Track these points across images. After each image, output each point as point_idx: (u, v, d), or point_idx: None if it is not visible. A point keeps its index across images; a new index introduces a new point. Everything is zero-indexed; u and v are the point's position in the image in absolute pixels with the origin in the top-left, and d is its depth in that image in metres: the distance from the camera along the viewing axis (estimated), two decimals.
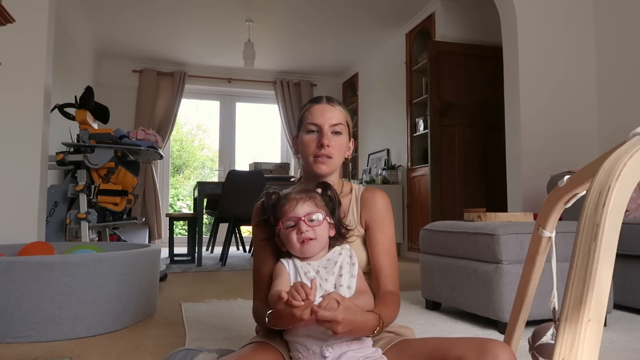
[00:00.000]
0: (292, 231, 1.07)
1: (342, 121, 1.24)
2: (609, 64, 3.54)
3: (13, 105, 2.71)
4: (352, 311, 0.93)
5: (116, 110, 4.53)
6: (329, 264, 1.09)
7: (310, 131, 1.23)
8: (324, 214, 1.11)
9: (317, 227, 1.08)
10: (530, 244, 0.96)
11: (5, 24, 2.16)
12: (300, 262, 1.09)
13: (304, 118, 1.24)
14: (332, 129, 1.22)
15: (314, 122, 1.22)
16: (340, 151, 1.24)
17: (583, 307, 0.48)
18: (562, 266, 1.83)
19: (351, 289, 1.06)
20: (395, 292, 1.18)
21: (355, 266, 1.10)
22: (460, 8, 4.79)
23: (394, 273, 1.21)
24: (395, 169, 5.47)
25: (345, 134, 1.25)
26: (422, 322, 2.07)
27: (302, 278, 1.06)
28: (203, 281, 3.42)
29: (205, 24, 5.40)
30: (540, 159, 3.40)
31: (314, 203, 1.11)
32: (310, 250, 1.08)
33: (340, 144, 1.23)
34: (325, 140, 1.20)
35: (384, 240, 1.22)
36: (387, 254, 1.21)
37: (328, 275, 1.07)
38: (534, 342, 0.96)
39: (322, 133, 1.21)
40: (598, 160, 0.61)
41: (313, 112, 1.23)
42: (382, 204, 1.25)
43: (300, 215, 1.07)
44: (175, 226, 5.06)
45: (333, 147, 1.21)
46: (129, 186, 3.24)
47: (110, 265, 1.93)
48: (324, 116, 1.22)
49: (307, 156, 1.23)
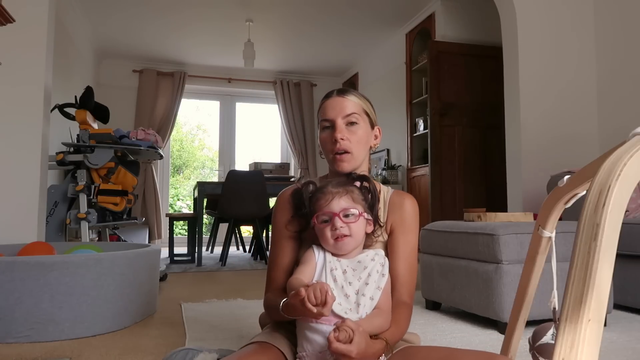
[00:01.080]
0: (327, 226, 1.04)
1: (357, 110, 1.17)
2: (609, 63, 3.54)
3: (13, 105, 2.71)
4: (365, 343, 0.91)
5: (116, 110, 4.53)
6: (359, 266, 1.05)
7: (325, 128, 1.18)
8: (361, 210, 1.06)
9: (353, 223, 1.04)
10: (530, 244, 0.96)
11: (5, 23, 2.16)
12: (331, 257, 1.06)
13: (319, 116, 1.20)
14: (347, 120, 1.15)
15: (327, 118, 1.17)
16: (360, 143, 1.16)
17: (583, 307, 0.48)
18: (562, 266, 1.83)
19: (373, 300, 1.02)
20: (408, 303, 1.14)
21: (384, 278, 1.06)
22: (460, 8, 4.79)
23: (410, 282, 1.15)
24: (395, 169, 5.47)
25: (364, 123, 1.18)
26: (422, 322, 2.07)
27: (327, 275, 1.03)
28: (203, 281, 3.42)
29: (205, 24, 5.40)
30: (540, 159, 3.40)
31: (351, 198, 1.06)
32: (345, 247, 1.05)
33: (358, 134, 1.16)
34: (337, 135, 1.13)
35: (405, 248, 1.16)
36: (406, 261, 1.15)
37: (354, 279, 1.03)
38: (534, 342, 0.96)
39: (335, 127, 1.15)
40: (598, 160, 0.61)
41: (325, 108, 1.18)
42: (410, 209, 1.19)
43: (335, 210, 1.03)
44: (175, 226, 5.06)
45: (349, 140, 1.14)
46: (129, 186, 3.24)
47: (110, 265, 1.93)
48: (336, 109, 1.16)
49: (327, 155, 1.18)
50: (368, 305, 1.01)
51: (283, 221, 1.17)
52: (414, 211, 1.20)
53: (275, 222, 1.21)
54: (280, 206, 1.20)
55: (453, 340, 1.77)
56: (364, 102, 1.20)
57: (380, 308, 1.03)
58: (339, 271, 1.04)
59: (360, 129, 1.16)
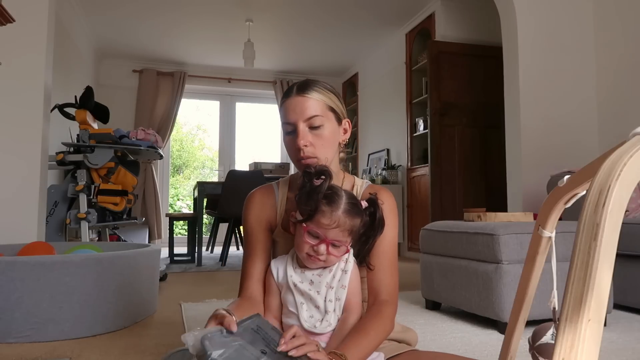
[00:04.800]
0: (311, 240, 0.99)
1: (320, 110, 1.06)
2: (609, 63, 3.54)
3: (13, 105, 2.71)
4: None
5: (116, 110, 4.54)
6: (324, 272, 1.03)
7: (287, 132, 1.08)
8: (349, 245, 1.02)
9: (334, 255, 1.00)
10: (530, 244, 0.96)
11: (5, 24, 2.16)
12: (292, 270, 1.04)
13: (280, 116, 1.11)
14: (309, 124, 1.05)
15: (287, 121, 1.07)
16: (325, 145, 1.07)
17: (583, 307, 0.48)
18: (562, 266, 1.83)
19: (340, 300, 1.00)
20: (388, 301, 1.07)
21: (347, 274, 1.02)
22: (460, 8, 4.79)
23: (390, 280, 1.09)
24: (395, 169, 5.47)
25: (329, 122, 1.08)
26: (422, 322, 2.07)
27: (294, 292, 1.02)
28: (203, 281, 3.42)
29: (205, 24, 5.40)
30: (540, 159, 3.40)
31: (350, 229, 1.00)
32: (312, 266, 1.03)
33: (323, 137, 1.07)
34: (300, 142, 1.04)
35: (381, 243, 1.08)
36: (384, 258, 1.09)
37: (321, 286, 1.02)
38: (534, 342, 0.96)
39: (298, 133, 1.05)
40: (598, 160, 0.61)
41: (285, 109, 1.08)
42: (385, 204, 1.09)
43: (329, 237, 0.98)
44: (175, 226, 5.06)
45: (313, 145, 1.06)
46: (129, 186, 3.24)
47: (110, 265, 1.93)
48: (296, 111, 1.05)
49: (292, 159, 1.10)
50: (338, 308, 1.00)
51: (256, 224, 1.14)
52: (391, 205, 1.12)
53: (247, 226, 1.15)
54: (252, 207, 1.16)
55: (453, 341, 1.77)
56: (328, 96, 1.09)
57: (348, 310, 1.01)
58: (305, 284, 1.02)
59: (325, 130, 1.07)
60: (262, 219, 1.15)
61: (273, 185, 1.21)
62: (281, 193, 1.18)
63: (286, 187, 1.19)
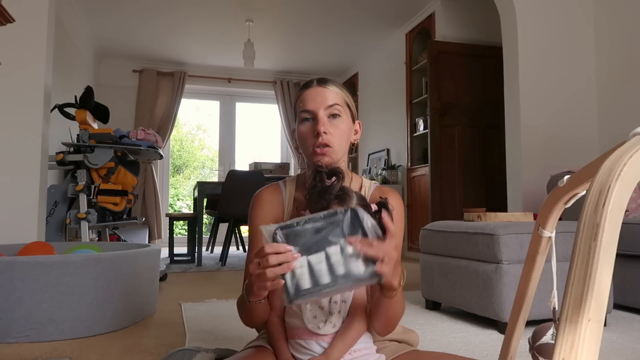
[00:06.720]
0: None
1: (339, 101, 1.09)
2: (609, 63, 3.54)
3: (13, 105, 2.71)
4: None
5: (116, 110, 4.53)
6: None
7: (304, 119, 1.09)
8: None
9: None
10: (530, 244, 0.96)
11: (5, 23, 2.16)
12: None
13: (297, 107, 1.12)
14: (329, 112, 1.07)
15: (307, 109, 1.08)
16: (342, 137, 1.09)
17: (583, 307, 0.48)
18: (562, 266, 1.83)
19: (347, 302, 1.00)
20: None
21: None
22: (460, 8, 4.79)
23: None
24: (395, 169, 5.48)
25: (346, 116, 1.10)
26: (422, 322, 2.07)
27: None
28: (203, 281, 3.42)
29: (205, 24, 5.40)
30: (540, 159, 3.40)
31: None
32: None
33: (340, 128, 1.08)
34: (320, 127, 1.05)
35: None
36: None
37: None
38: (534, 342, 0.96)
39: (317, 119, 1.06)
40: (598, 160, 0.61)
41: (305, 98, 1.09)
42: (396, 209, 1.07)
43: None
44: (175, 226, 5.06)
45: (332, 134, 1.07)
46: (129, 186, 3.24)
47: (110, 265, 1.93)
48: (317, 100, 1.07)
49: (306, 149, 1.10)
50: (343, 310, 0.99)
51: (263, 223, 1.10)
52: (400, 211, 1.12)
53: (254, 225, 1.13)
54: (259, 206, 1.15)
55: (453, 341, 1.77)
56: (345, 93, 1.12)
57: (353, 314, 1.00)
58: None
59: (343, 122, 1.09)
60: (269, 218, 1.13)
61: (280, 184, 1.19)
62: (288, 192, 1.17)
63: (293, 186, 1.18)
